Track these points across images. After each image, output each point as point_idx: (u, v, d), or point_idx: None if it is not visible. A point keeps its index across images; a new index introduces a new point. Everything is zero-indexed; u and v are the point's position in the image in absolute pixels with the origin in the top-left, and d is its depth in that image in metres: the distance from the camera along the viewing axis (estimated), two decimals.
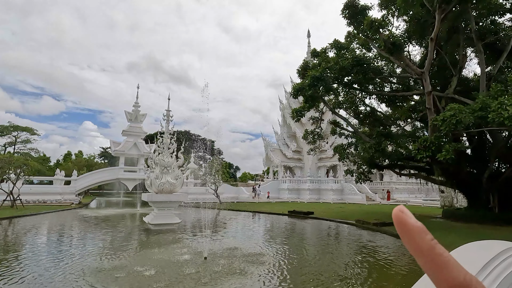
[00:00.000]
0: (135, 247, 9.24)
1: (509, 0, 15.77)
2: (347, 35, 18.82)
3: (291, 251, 8.99)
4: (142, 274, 6.22)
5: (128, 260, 7.47)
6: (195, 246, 9.30)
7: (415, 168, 18.13)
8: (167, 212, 14.59)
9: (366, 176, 19.54)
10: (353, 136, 19.29)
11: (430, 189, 40.86)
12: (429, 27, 15.73)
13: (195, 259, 7.56)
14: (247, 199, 34.47)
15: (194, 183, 35.93)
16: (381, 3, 17.07)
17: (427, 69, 14.79)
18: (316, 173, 42.37)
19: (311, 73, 15.97)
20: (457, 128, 11.28)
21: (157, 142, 15.85)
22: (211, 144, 65.45)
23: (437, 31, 13.90)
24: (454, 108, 11.50)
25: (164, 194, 14.80)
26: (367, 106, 19.90)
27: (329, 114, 29.61)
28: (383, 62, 18.99)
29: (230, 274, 6.33)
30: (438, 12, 13.44)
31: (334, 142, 29.71)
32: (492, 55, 16.37)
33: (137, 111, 35.39)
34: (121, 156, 33.05)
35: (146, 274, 6.22)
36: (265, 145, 45.29)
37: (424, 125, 19.38)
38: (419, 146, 12.64)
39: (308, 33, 49.41)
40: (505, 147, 14.64)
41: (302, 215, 18.43)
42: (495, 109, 10.26)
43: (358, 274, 6.65)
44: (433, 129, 13.17)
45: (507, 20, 16.32)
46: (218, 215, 19.70)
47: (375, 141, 15.83)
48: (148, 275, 6.18)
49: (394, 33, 16.39)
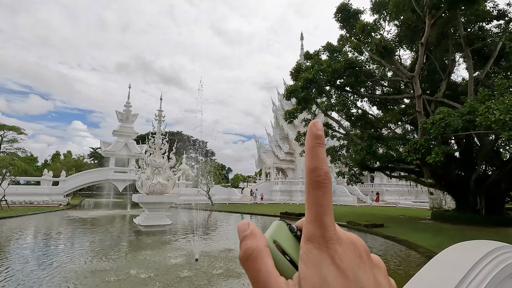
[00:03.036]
0: (125, 249, 9.09)
1: (496, 8, 16.24)
2: (340, 39, 19.05)
3: None
4: (134, 277, 6.12)
5: (119, 262, 7.35)
6: (186, 247, 9.21)
7: (405, 170, 18.42)
8: (158, 214, 14.42)
9: (358, 178, 19.74)
10: (345, 138, 19.47)
11: (419, 191, 41.54)
12: (420, 32, 16.03)
13: (187, 261, 7.48)
14: (239, 201, 34.38)
15: (186, 184, 35.65)
16: (373, 8, 17.33)
17: (418, 73, 15.08)
18: None
19: (304, 76, 16.08)
20: (446, 131, 11.51)
21: (148, 142, 15.68)
22: (204, 145, 65.18)
23: (427, 36, 14.19)
24: (443, 112, 11.74)
25: (155, 195, 14.63)
26: (358, 109, 20.13)
27: (322, 116, 29.86)
28: (375, 65, 19.26)
29: (224, 276, 6.28)
30: (428, 17, 13.74)
31: (326, 144, 29.92)
32: (480, 60, 16.79)
33: (128, 111, 34.95)
34: (111, 156, 32.55)
35: (138, 277, 6.12)
36: (258, 147, 45.34)
37: (414, 128, 19.71)
38: (409, 149, 12.86)
39: (301, 36, 49.76)
40: (492, 151, 14.99)
41: (294, 217, 18.48)
42: (483, 113, 10.51)
43: None
44: (423, 132, 13.41)
45: (494, 26, 16.78)
46: (210, 216, 19.57)
47: (366, 143, 16.01)
48: (140, 278, 6.09)
49: (385, 37, 16.66)
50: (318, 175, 0.25)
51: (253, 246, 0.25)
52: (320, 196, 0.25)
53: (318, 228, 0.25)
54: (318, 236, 0.25)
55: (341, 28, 16.98)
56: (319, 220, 0.25)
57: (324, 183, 0.25)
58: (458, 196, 16.78)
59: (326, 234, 0.25)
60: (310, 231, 0.25)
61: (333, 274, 0.24)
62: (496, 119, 9.97)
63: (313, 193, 0.25)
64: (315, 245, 0.25)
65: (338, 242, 0.25)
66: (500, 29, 16.21)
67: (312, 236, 0.25)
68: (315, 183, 0.25)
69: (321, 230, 0.25)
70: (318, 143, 0.26)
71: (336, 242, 0.25)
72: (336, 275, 0.24)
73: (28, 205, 23.27)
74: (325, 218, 0.25)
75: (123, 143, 33.47)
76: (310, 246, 0.25)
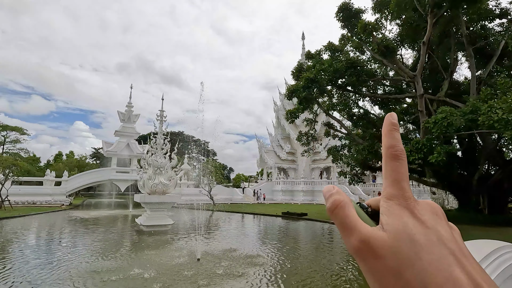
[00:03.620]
0: (128, 249, 9.12)
1: (498, 6, 16.14)
2: (341, 38, 19.00)
3: (285, 252, 8.99)
4: (137, 277, 6.14)
5: (121, 262, 7.37)
6: (188, 247, 9.23)
7: (407, 170, 18.35)
8: (160, 214, 14.45)
9: (359, 177, 19.68)
10: (347, 138, 19.43)
11: (422, 190, 41.30)
12: (421, 31, 15.97)
13: (189, 260, 7.50)
14: (241, 201, 34.39)
15: (187, 184, 35.69)
16: (375, 7, 17.28)
17: (419, 72, 15.02)
18: (310, 174, 42.53)
19: (305, 75, 16.06)
20: (448, 130, 11.47)
21: (150, 142, 15.71)
22: (205, 145, 65.23)
23: (429, 35, 14.13)
24: (445, 111, 11.69)
25: (157, 195, 14.66)
26: (360, 108, 20.08)
27: (323, 116, 29.81)
28: (376, 65, 19.21)
29: (226, 276, 6.29)
30: (430, 16, 13.68)
31: (328, 143, 29.91)
32: (482, 59, 16.71)
33: (130, 111, 35.02)
34: (113, 156, 32.63)
35: (141, 277, 6.14)
36: (259, 147, 45.30)
37: (416, 127, 19.64)
38: (411, 148, 12.81)
39: (302, 35, 49.70)
40: (495, 150, 14.92)
41: (296, 217, 18.46)
42: (485, 112, 10.46)
43: (349, 271, 6.69)
44: (425, 132, 13.36)
45: (496, 25, 16.68)
46: (211, 216, 19.59)
47: (368, 143, 15.97)
48: (143, 277, 6.11)
49: (387, 37, 16.61)
50: (395, 150, 0.31)
51: (340, 198, 0.30)
52: (398, 166, 0.30)
53: (398, 190, 0.30)
54: (398, 196, 0.29)
55: (342, 27, 16.95)
56: (398, 183, 0.30)
57: (400, 155, 0.30)
58: (461, 196, 16.71)
59: (405, 194, 0.29)
60: (390, 192, 0.30)
61: (413, 222, 0.28)
62: (499, 118, 9.92)
63: (391, 164, 0.30)
64: (395, 202, 0.29)
65: (416, 201, 0.30)
66: (503, 28, 16.12)
67: (392, 195, 0.30)
68: (393, 155, 0.30)
69: (400, 191, 0.29)
70: (394, 128, 0.32)
71: (414, 201, 0.29)
72: (416, 224, 0.28)
73: (31, 205, 23.39)
74: (403, 182, 0.30)
75: (125, 143, 33.55)
76: (391, 203, 0.29)
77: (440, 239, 0.27)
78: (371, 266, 0.28)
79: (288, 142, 45.70)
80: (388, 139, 0.32)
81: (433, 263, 0.26)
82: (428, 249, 0.26)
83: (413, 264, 0.26)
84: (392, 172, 0.30)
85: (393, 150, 0.31)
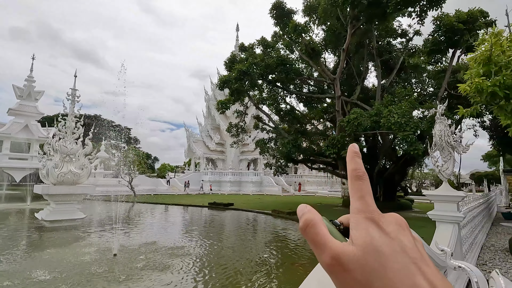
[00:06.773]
0: (24, 249, 7.74)
1: (400, 27, 19.21)
2: (274, 35, 19.73)
3: (210, 241, 9.03)
4: (35, 280, 5.27)
5: (16, 265, 6.22)
6: (103, 243, 8.39)
7: (324, 163, 20.50)
8: (69, 207, 12.68)
9: (283, 169, 21.08)
10: (274, 131, 20.48)
11: (334, 181, 46.83)
12: (342, 39, 17.82)
13: (104, 257, 6.82)
14: (165, 192, 32.91)
15: (104, 174, 32.24)
16: (305, 10, 18.45)
17: (338, 76, 16.80)
18: (238, 165, 43.44)
19: (238, 67, 16.17)
20: (358, 129, 13.21)
21: (58, 125, 13.52)
22: (127, 132, 59.82)
23: (348, 43, 15.87)
24: (356, 112, 13.42)
25: (65, 186, 12.78)
26: (287, 104, 21.38)
27: (253, 109, 30.64)
28: (303, 65, 20.66)
29: (146, 269, 5.95)
30: (350, 26, 15.35)
31: (256, 136, 30.95)
32: (387, 70, 19.71)
33: (30, 86, 29.44)
34: (5, 139, 27.02)
35: (41, 279, 5.29)
36: (188, 136, 43.92)
37: (333, 125, 21.99)
38: (328, 144, 14.33)
39: (237, 27, 49.76)
40: (390, 148, 17.87)
41: (222, 207, 18.69)
42: (385, 116, 12.41)
43: (270, 257, 7.16)
44: (339, 129, 15.08)
45: (398, 43, 19.87)
46: (132, 208, 18.21)
47: (293, 137, 17.17)
48: (43, 280, 5.27)
49: (314, 40, 17.96)
50: (358, 172, 0.35)
51: (311, 217, 0.33)
52: (361, 184, 0.34)
53: (363, 204, 0.33)
54: (364, 210, 0.33)
55: (275, 24, 17.59)
56: (363, 198, 0.34)
57: (363, 176, 0.35)
58: None
59: (370, 208, 0.33)
60: (357, 207, 0.33)
61: (379, 234, 0.31)
62: (395, 121, 11.91)
63: (356, 183, 0.35)
64: (362, 216, 0.33)
65: (381, 214, 0.33)
66: (402, 46, 19.29)
67: (359, 210, 0.33)
68: (357, 176, 0.35)
69: (365, 205, 0.33)
70: (356, 155, 0.37)
71: (379, 214, 0.33)
72: (381, 235, 0.31)
73: None
74: (367, 197, 0.34)
75: (23, 125, 28.13)
76: (358, 216, 0.33)
77: (403, 249, 0.30)
78: (342, 281, 0.29)
79: (218, 132, 45.54)
80: (352, 164, 0.36)
81: (397, 272, 0.28)
82: (392, 258, 0.29)
83: (380, 275, 0.28)
84: (357, 190, 0.34)
85: (356, 172, 0.35)
